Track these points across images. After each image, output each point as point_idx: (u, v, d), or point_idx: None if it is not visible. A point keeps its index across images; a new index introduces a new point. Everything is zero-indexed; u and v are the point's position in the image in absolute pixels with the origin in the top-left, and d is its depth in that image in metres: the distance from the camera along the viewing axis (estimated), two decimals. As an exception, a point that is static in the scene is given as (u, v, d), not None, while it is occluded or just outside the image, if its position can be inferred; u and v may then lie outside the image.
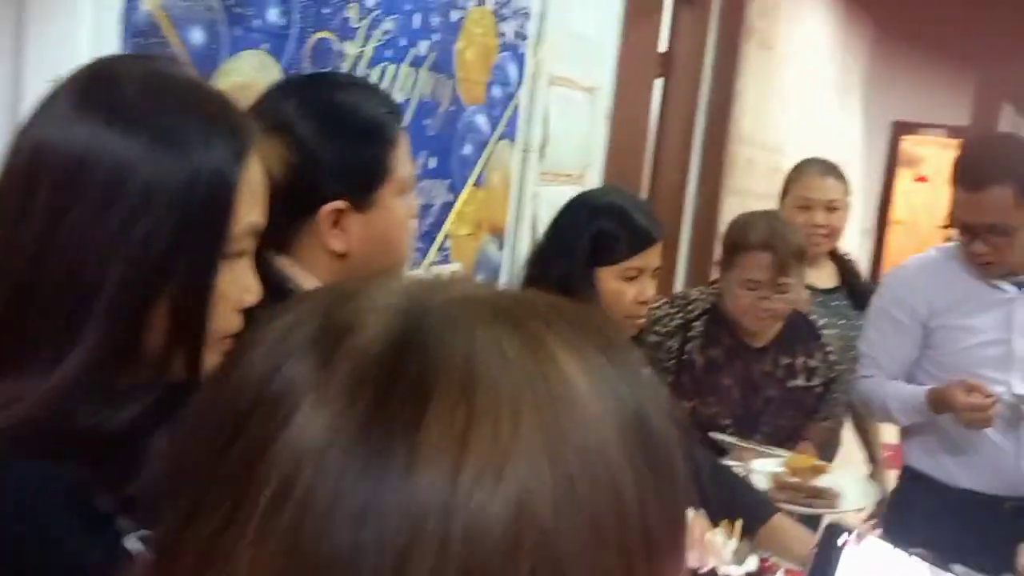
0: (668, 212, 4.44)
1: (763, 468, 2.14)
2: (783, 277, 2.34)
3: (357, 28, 1.95)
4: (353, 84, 1.44)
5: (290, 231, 1.27)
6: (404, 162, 1.35)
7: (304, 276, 1.28)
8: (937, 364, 2.38)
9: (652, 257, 1.97)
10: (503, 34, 2.56)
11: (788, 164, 3.56)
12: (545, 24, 2.82)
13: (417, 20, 2.14)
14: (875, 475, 3.13)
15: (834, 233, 2.96)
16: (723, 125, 4.67)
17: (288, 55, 1.77)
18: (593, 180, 3.43)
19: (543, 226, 2.96)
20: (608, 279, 1.93)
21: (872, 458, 3.15)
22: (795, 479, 2.08)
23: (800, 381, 2.51)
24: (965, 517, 2.31)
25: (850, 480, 2.18)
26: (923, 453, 2.43)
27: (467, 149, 2.47)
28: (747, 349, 2.46)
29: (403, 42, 2.11)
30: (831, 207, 2.94)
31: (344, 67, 1.93)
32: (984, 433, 2.29)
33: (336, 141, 1.28)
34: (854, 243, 6.94)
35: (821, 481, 2.09)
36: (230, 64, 1.63)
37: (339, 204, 1.27)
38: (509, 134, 2.69)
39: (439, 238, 2.40)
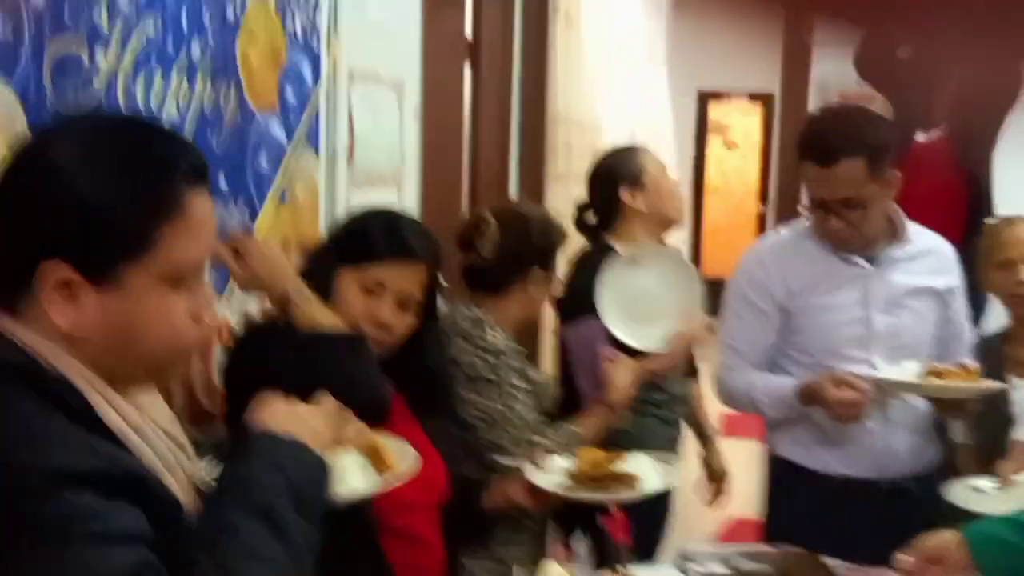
0: (493, 204, 4.27)
1: (557, 466, 1.96)
2: None
3: (110, 34, 1.64)
4: (145, 128, 1.15)
5: (17, 290, 1.03)
6: (187, 242, 1.06)
7: (59, 354, 1.04)
8: (800, 348, 2.28)
9: (398, 278, 1.77)
10: (290, 30, 2.29)
11: (606, 143, 3.42)
12: (339, 15, 2.56)
13: (185, 20, 1.85)
14: (709, 454, 3.05)
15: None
16: (539, 110, 4.51)
17: (23, 75, 1.45)
18: (411, 181, 3.20)
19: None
20: (346, 282, 1.76)
21: (701, 435, 3.07)
22: (593, 470, 1.92)
23: None
24: (843, 505, 2.23)
25: (647, 463, 2.00)
26: (793, 443, 2.32)
27: (263, 162, 2.18)
28: None
29: (170, 47, 1.81)
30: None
31: (99, 82, 1.62)
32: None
33: (88, 184, 1.02)
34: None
35: (619, 468, 1.94)
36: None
37: (61, 267, 1.00)
38: (311, 141, 2.42)
39: (240, 266, 2.10)
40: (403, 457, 1.48)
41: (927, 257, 2.30)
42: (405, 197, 3.17)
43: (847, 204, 2.14)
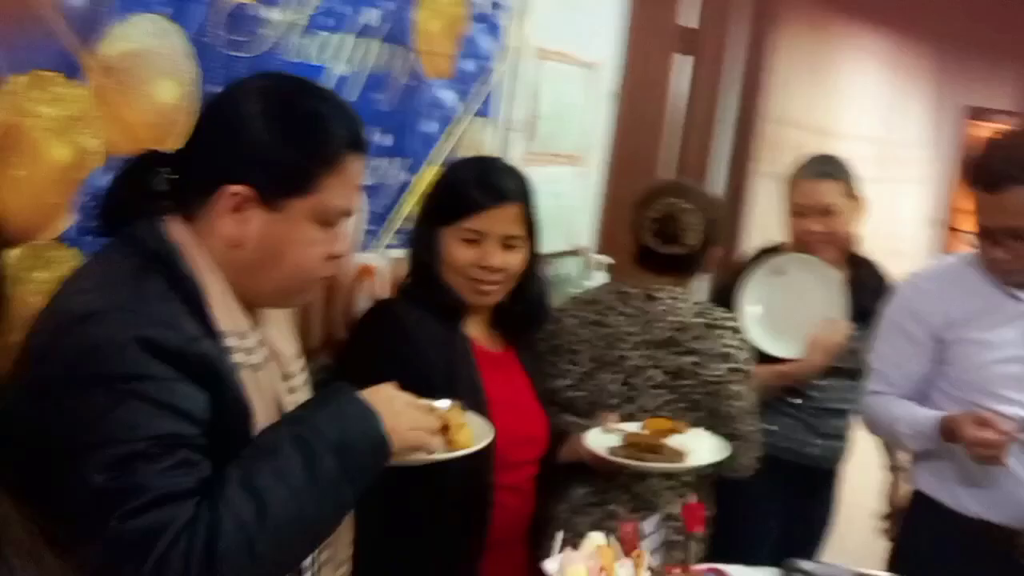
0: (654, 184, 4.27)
1: (621, 431, 2.03)
2: None
3: (288, -7, 1.82)
4: (324, 95, 1.36)
5: (199, 200, 1.26)
6: (338, 193, 1.29)
7: (200, 254, 1.25)
8: (952, 382, 2.18)
9: (496, 223, 1.92)
10: (474, 4, 2.41)
11: (842, 148, 3.33)
12: (531, -5, 2.66)
13: (363, -14, 2.00)
14: (895, 483, 2.92)
15: (836, 239, 2.74)
16: (752, 106, 4.44)
17: (197, 21, 1.64)
18: (596, 161, 3.27)
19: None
20: (449, 240, 1.92)
21: (892, 463, 2.94)
22: (642, 439, 1.98)
23: None
24: (976, 548, 2.13)
25: (705, 438, 2.04)
26: (933, 477, 2.23)
27: (430, 126, 2.32)
28: None
29: (347, 11, 1.97)
30: (827, 211, 2.73)
31: (270, 36, 1.80)
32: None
33: (271, 130, 1.25)
34: (923, 235, 6.66)
35: (671, 441, 1.98)
36: (118, 30, 1.51)
37: (242, 189, 1.23)
38: (484, 111, 2.54)
39: (394, 220, 2.26)
40: (478, 435, 1.57)
41: None
42: (588, 178, 3.25)
43: (1013, 234, 2.02)
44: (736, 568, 1.99)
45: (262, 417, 1.26)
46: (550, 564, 1.40)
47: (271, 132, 1.26)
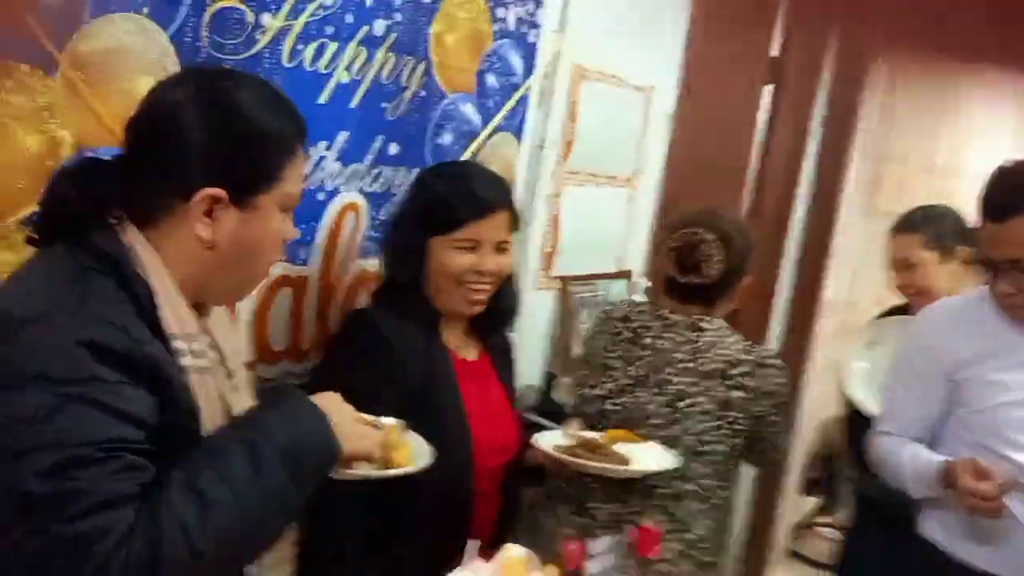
0: (770, 227, 4.14)
1: (577, 435, 2.05)
2: None
3: (283, 0, 1.87)
4: (269, 87, 1.37)
5: (159, 207, 1.26)
6: (296, 180, 1.33)
7: (150, 259, 1.24)
8: (964, 424, 2.05)
9: (490, 230, 1.92)
10: (501, 20, 2.42)
11: (967, 189, 3.19)
12: (568, 13, 2.66)
13: (369, -2, 2.05)
14: None
15: (922, 291, 2.65)
16: (842, 144, 4.29)
17: (178, 22, 1.71)
18: (648, 185, 3.23)
19: (565, 226, 2.81)
20: (442, 248, 1.92)
21: None
22: (592, 443, 2.00)
23: None
24: None
25: (658, 453, 2.05)
26: (938, 525, 2.09)
27: (445, 138, 2.34)
28: None
29: (348, 19, 2.01)
30: (906, 265, 2.71)
31: (262, 40, 1.85)
32: (1013, 514, 1.95)
33: (234, 128, 1.26)
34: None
35: (621, 448, 2.01)
36: (94, 26, 1.59)
37: (215, 192, 1.24)
38: (511, 127, 2.55)
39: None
40: (418, 455, 1.55)
41: None
42: (637, 201, 3.21)
43: (1017, 266, 1.89)
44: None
45: (209, 419, 1.27)
46: (457, 574, 1.37)
47: (234, 129, 1.26)
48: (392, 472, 1.47)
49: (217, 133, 1.25)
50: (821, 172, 4.26)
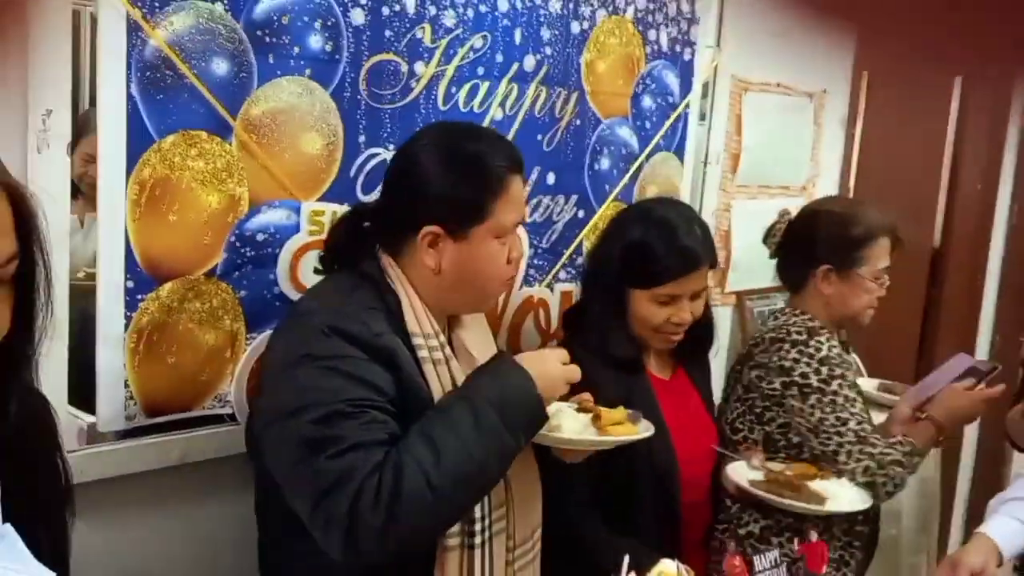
0: (967, 244, 3.94)
1: (769, 466, 2.04)
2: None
3: (434, 48, 1.98)
4: (481, 135, 1.67)
5: (402, 240, 1.60)
6: (508, 210, 1.58)
7: (398, 277, 1.59)
8: None
9: (688, 285, 1.96)
10: (652, 42, 2.45)
11: None
12: (725, 28, 2.66)
13: (518, 35, 2.13)
14: None
15: None
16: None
17: (337, 79, 1.85)
18: (825, 191, 3.15)
19: (737, 241, 2.79)
20: (640, 300, 1.98)
21: None
22: (787, 475, 1.97)
23: None
24: None
25: (847, 489, 1.99)
26: None
27: (603, 163, 2.39)
28: None
29: (499, 58, 2.10)
30: None
31: (417, 88, 1.97)
32: None
33: (448, 177, 1.56)
34: None
35: (814, 484, 1.96)
36: (263, 91, 1.75)
37: (434, 229, 1.55)
38: (672, 146, 2.56)
39: (568, 253, 2.34)
40: (633, 429, 1.68)
41: None
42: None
43: None
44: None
45: (438, 392, 1.56)
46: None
47: (447, 178, 1.56)
48: (610, 439, 1.64)
49: (442, 179, 1.56)
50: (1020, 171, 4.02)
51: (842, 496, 1.96)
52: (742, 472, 1.99)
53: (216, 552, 1.83)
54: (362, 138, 1.91)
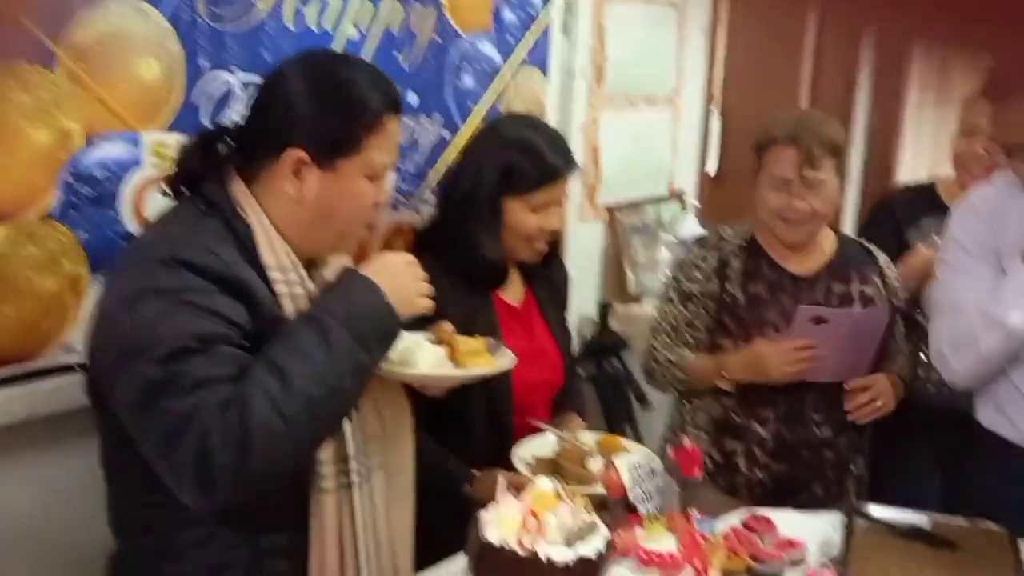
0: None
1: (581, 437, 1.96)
2: (811, 171, 2.05)
3: (278, -37, 1.86)
4: (361, 65, 1.54)
5: (261, 165, 1.45)
6: (382, 151, 1.47)
7: (251, 205, 1.44)
8: None
9: (560, 190, 1.96)
10: (511, -47, 2.37)
11: None
12: (584, -64, 2.59)
13: (368, -52, 2.02)
14: None
15: None
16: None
17: (174, 0, 1.72)
18: (692, 103, 3.15)
19: (606, 155, 2.77)
20: (514, 208, 1.93)
21: None
22: (582, 450, 1.87)
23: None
24: None
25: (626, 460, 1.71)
26: (997, 412, 2.02)
27: (466, 81, 2.32)
28: (792, 280, 2.16)
29: (349, -26, 2.00)
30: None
31: (261, 6, 1.85)
32: None
33: (319, 100, 1.43)
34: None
35: (592, 463, 1.84)
36: (88, 15, 1.61)
37: (300, 154, 1.41)
38: (536, 61, 2.50)
39: (435, 176, 2.28)
40: (491, 360, 1.62)
41: None
42: (685, 121, 3.14)
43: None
44: (786, 514, 1.89)
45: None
46: (486, 513, 1.38)
47: (319, 100, 1.43)
48: (464, 372, 1.57)
49: (311, 102, 1.42)
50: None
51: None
52: (529, 447, 1.91)
53: (71, 505, 1.74)
54: (204, 63, 1.79)
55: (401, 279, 1.47)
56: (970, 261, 1.98)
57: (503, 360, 1.64)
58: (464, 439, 1.93)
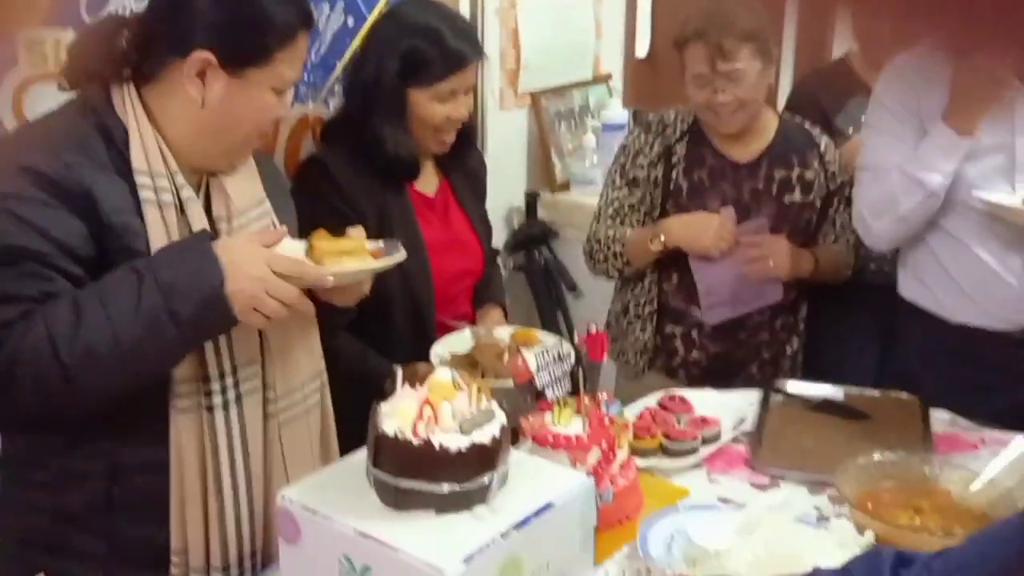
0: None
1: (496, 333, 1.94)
2: (725, 64, 2.00)
3: None
4: None
5: (163, 63, 1.37)
6: (291, 65, 1.42)
7: (133, 108, 1.36)
8: None
9: (466, 78, 1.92)
10: None
11: None
12: None
13: None
14: None
15: None
16: None
17: None
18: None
19: (526, 38, 2.70)
20: (419, 99, 1.89)
21: None
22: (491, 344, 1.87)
23: (797, 196, 2.16)
24: (964, 356, 1.95)
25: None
26: (916, 282, 2.03)
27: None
28: (734, 167, 2.14)
29: None
30: None
31: None
32: (983, 260, 1.89)
33: (230, 7, 1.37)
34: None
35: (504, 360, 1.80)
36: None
37: (207, 56, 1.34)
38: (445, -60, 2.40)
39: (341, 65, 2.20)
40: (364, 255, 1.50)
41: None
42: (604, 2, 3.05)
43: None
44: (704, 393, 1.90)
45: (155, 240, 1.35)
46: (384, 405, 1.36)
47: (230, 10, 1.37)
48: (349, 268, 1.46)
49: (223, 6, 1.37)
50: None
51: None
52: (446, 344, 1.90)
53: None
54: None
55: (253, 270, 1.33)
56: (895, 122, 1.96)
57: (391, 254, 1.51)
58: (386, 333, 1.93)
